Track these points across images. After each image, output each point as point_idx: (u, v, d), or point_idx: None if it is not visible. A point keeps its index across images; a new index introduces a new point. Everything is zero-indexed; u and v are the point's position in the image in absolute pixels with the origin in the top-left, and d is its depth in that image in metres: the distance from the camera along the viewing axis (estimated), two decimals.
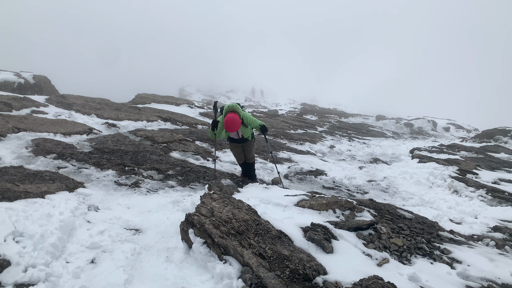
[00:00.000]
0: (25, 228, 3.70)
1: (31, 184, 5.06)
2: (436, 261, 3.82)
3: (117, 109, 13.12)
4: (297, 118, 22.41)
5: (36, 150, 6.70)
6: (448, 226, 5.94)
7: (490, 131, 17.18)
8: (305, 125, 18.91)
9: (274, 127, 16.06)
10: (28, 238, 3.53)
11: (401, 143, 16.93)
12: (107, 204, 5.12)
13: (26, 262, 3.19)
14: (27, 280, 3.01)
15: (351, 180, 8.65)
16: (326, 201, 4.90)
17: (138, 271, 3.49)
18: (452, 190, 8.27)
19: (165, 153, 8.13)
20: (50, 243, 3.50)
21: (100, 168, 6.40)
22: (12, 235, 3.54)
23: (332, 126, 20.64)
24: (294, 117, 22.95)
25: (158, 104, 16.55)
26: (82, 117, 10.68)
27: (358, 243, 3.95)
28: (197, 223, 3.81)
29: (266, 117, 21.17)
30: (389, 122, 23.99)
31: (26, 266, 3.16)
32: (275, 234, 3.75)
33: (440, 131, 23.45)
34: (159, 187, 6.05)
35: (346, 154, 12.49)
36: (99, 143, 8.01)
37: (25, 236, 3.56)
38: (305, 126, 18.46)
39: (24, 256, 3.26)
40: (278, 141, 12.82)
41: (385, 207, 5.39)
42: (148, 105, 16.18)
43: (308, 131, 17.11)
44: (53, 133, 8.07)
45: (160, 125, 11.68)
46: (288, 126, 17.27)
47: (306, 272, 3.13)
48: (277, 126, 16.59)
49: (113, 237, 4.08)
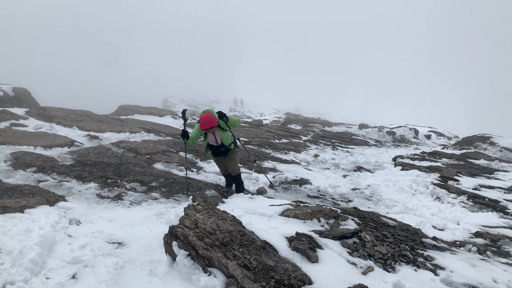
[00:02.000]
0: (3, 244, 3.61)
1: (9, 199, 4.94)
2: (420, 268, 3.86)
3: (100, 120, 12.97)
4: (282, 128, 22.49)
5: (15, 163, 6.56)
6: (431, 232, 6.02)
7: (470, 138, 17.54)
8: (290, 135, 18.99)
9: (259, 137, 16.09)
10: (6, 254, 3.44)
11: (384, 151, 17.13)
12: (89, 217, 5.02)
13: (4, 279, 3.10)
14: None
15: (336, 188, 8.70)
16: (311, 210, 4.91)
17: (121, 286, 3.42)
18: (434, 197, 8.39)
19: (148, 164, 8.05)
20: (29, 259, 3.41)
21: (82, 181, 6.29)
22: None
23: (316, 135, 20.78)
24: (279, 127, 23.04)
25: (142, 116, 16.44)
26: (64, 129, 10.53)
27: (343, 251, 3.96)
28: (180, 235, 3.76)
29: (251, 127, 21.20)
30: (372, 130, 24.26)
31: (4, 283, 3.07)
32: (260, 244, 3.73)
33: (422, 138, 23.81)
34: (142, 199, 5.98)
35: (330, 163, 12.58)
36: (81, 155, 7.88)
37: (3, 252, 3.47)
38: (290, 136, 18.53)
39: (1, 273, 3.18)
40: (262, 150, 12.83)
41: (369, 215, 5.43)
42: (131, 116, 16.06)
43: (293, 140, 17.18)
44: (33, 146, 7.92)
45: (144, 137, 11.58)
46: (272, 136, 17.32)
47: (291, 283, 3.12)
48: (262, 136, 16.63)
49: (95, 251, 4.00)
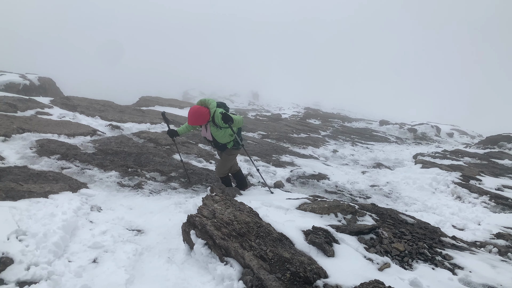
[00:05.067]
0: (28, 227, 3.73)
1: (34, 184, 5.09)
2: (437, 266, 3.80)
3: (121, 111, 13.18)
4: (300, 122, 22.41)
5: (40, 150, 6.75)
6: (451, 232, 5.92)
7: (494, 137, 17.09)
8: (308, 129, 18.91)
9: (277, 131, 16.08)
10: (31, 237, 3.56)
11: (404, 148, 16.89)
12: (109, 204, 5.15)
13: (29, 260, 3.22)
14: (29, 278, 3.03)
15: (354, 184, 8.64)
16: (328, 205, 4.90)
17: (139, 272, 3.50)
18: (455, 196, 8.24)
19: (168, 155, 8.16)
20: (52, 242, 3.53)
21: (104, 169, 6.43)
22: (15, 233, 3.57)
23: (335, 130, 20.62)
24: (297, 121, 22.97)
25: (162, 107, 16.61)
26: (86, 118, 10.75)
27: (360, 247, 3.94)
28: (198, 224, 3.82)
29: (269, 120, 21.20)
30: (393, 127, 23.92)
31: (29, 264, 3.19)
32: (276, 236, 3.75)
33: (444, 136, 23.36)
34: (161, 189, 6.08)
35: (349, 158, 12.48)
36: (102, 144, 8.05)
37: (28, 235, 3.59)
38: (308, 130, 18.46)
39: (27, 254, 3.29)
40: (281, 145, 12.83)
41: (387, 211, 5.38)
42: (152, 107, 16.25)
43: (311, 135, 17.11)
44: (57, 134, 8.12)
45: (164, 128, 11.72)
46: (291, 130, 17.29)
47: (307, 275, 3.13)
48: (280, 130, 16.61)
49: (115, 237, 4.10)
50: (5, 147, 6.64)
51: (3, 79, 17.25)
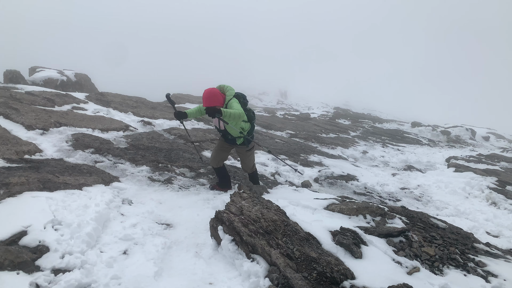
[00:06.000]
0: (64, 217, 3.87)
1: (70, 176, 5.28)
2: (469, 273, 3.68)
3: (153, 107, 13.46)
4: (330, 122, 22.18)
5: (75, 144, 7.00)
6: (484, 238, 5.71)
7: None
8: (338, 130, 18.69)
9: (306, 130, 15.98)
10: (66, 227, 3.69)
11: (436, 151, 16.41)
12: (140, 198, 5.26)
13: (64, 249, 3.34)
14: (64, 266, 3.15)
15: (383, 186, 8.48)
16: (357, 206, 4.84)
17: (167, 265, 3.57)
18: (490, 202, 7.94)
19: (197, 151, 8.27)
20: (86, 232, 3.65)
21: (135, 164, 6.59)
22: (51, 223, 3.71)
23: (365, 131, 20.29)
24: (327, 121, 22.74)
25: (193, 104, 16.85)
26: (119, 114, 11.04)
27: (388, 250, 3.87)
28: (226, 220, 3.86)
29: (298, 120, 21.08)
30: (425, 129, 23.26)
31: (64, 253, 3.31)
32: (303, 236, 3.74)
33: (479, 140, 22.52)
34: (190, 184, 6.17)
35: (379, 160, 12.25)
36: (134, 139, 8.25)
37: (63, 225, 3.72)
38: (338, 131, 18.24)
39: (61, 243, 3.42)
40: (309, 144, 12.74)
41: (417, 215, 5.25)
42: (183, 104, 16.52)
43: (341, 135, 16.90)
44: (92, 128, 8.39)
45: (194, 125, 11.89)
46: (320, 130, 17.13)
47: (333, 276, 3.10)
48: (309, 129, 16.50)
49: (145, 230, 4.19)
50: (43, 140, 6.93)
51: (42, 75, 18.00)
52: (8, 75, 16.57)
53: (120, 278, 3.18)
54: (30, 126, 7.40)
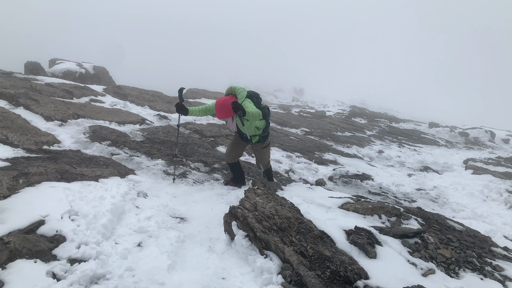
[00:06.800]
0: (80, 208, 3.93)
1: (86, 168, 5.35)
2: (486, 277, 3.61)
3: (169, 102, 13.54)
4: (345, 121, 21.99)
5: (92, 136, 7.09)
6: (502, 242, 5.58)
7: None
8: (353, 128, 18.52)
9: (321, 128, 15.88)
10: (82, 217, 3.75)
11: (454, 152, 16.12)
12: (155, 191, 5.31)
13: (80, 240, 3.39)
14: (79, 256, 3.20)
15: (399, 187, 8.36)
16: (372, 206, 4.78)
17: (181, 258, 3.59)
18: (508, 205, 7.76)
19: (212, 146, 8.30)
20: (101, 223, 3.69)
21: (151, 157, 6.64)
22: (68, 213, 3.76)
23: (381, 130, 20.04)
24: (342, 119, 22.54)
25: (208, 100, 16.89)
26: (136, 107, 11.15)
27: (403, 250, 3.82)
28: (240, 216, 3.86)
29: (313, 117, 20.96)
30: (443, 130, 22.85)
31: (80, 243, 3.36)
32: (317, 234, 3.72)
33: (499, 142, 22.01)
34: (205, 179, 6.19)
35: (395, 160, 12.09)
36: (150, 133, 8.32)
37: (79, 215, 3.78)
38: (353, 129, 18.07)
39: (78, 233, 3.47)
40: (324, 142, 12.66)
41: (433, 216, 5.17)
42: (199, 99, 16.57)
43: (356, 134, 16.74)
44: (109, 121, 8.49)
45: (209, 120, 11.92)
46: (335, 128, 17.00)
47: (347, 275, 3.08)
48: (324, 127, 16.39)
49: (159, 223, 4.23)
50: (62, 131, 7.04)
51: (62, 67, 18.27)
52: (29, 67, 16.88)
53: (134, 270, 3.21)
54: (49, 117, 7.53)
